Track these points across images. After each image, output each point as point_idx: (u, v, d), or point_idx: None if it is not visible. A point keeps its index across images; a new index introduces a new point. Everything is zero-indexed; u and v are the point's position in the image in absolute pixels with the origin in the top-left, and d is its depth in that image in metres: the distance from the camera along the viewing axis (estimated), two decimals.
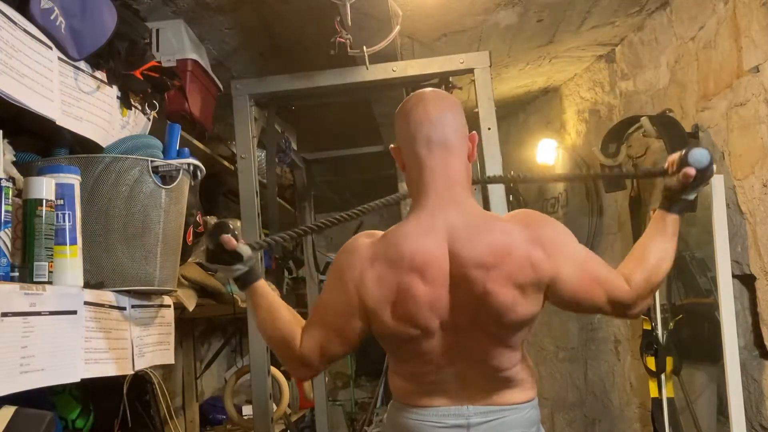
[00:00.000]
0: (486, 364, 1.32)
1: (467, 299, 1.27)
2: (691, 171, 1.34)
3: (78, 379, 1.23)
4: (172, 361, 1.66)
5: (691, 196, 1.41)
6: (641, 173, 1.65)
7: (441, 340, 1.31)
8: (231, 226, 1.36)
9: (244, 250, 1.36)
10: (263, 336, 1.45)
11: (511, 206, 2.89)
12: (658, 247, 1.38)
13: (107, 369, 1.34)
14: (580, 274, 1.31)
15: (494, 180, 1.90)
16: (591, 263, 1.34)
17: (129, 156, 1.44)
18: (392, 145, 1.42)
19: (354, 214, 1.51)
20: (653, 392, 2.42)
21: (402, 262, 1.27)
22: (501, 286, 1.25)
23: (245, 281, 1.39)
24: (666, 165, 1.40)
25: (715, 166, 1.36)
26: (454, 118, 1.36)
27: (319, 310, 1.39)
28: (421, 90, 1.42)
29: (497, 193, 2.10)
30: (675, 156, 1.39)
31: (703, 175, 1.35)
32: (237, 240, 1.36)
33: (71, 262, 1.26)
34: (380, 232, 1.38)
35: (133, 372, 1.46)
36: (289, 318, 1.39)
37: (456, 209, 1.31)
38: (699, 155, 1.34)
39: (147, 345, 1.52)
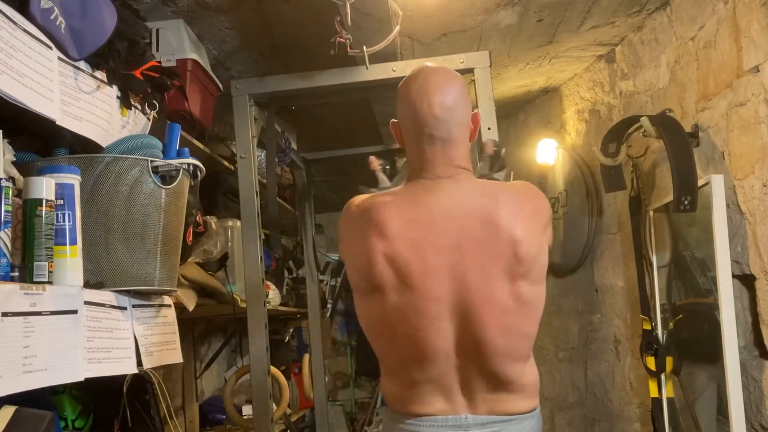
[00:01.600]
0: (489, 355, 1.26)
1: (477, 246, 1.26)
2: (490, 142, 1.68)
3: (81, 379, 1.23)
4: (180, 360, 1.66)
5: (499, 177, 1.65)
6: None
7: (435, 320, 1.26)
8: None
9: (381, 178, 1.69)
10: None
11: None
12: None
13: (110, 368, 1.34)
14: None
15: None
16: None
17: (129, 156, 1.44)
18: (393, 120, 1.42)
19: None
20: (653, 392, 2.42)
21: (371, 221, 1.32)
22: (511, 218, 1.28)
23: None
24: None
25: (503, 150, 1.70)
26: (459, 109, 1.34)
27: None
28: (425, 71, 1.38)
29: None
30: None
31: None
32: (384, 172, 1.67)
33: (71, 262, 1.26)
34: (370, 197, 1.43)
35: (136, 371, 1.46)
36: None
37: (452, 183, 1.34)
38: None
39: (153, 344, 1.53)
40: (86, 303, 1.27)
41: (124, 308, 1.44)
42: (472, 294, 1.25)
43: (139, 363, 1.46)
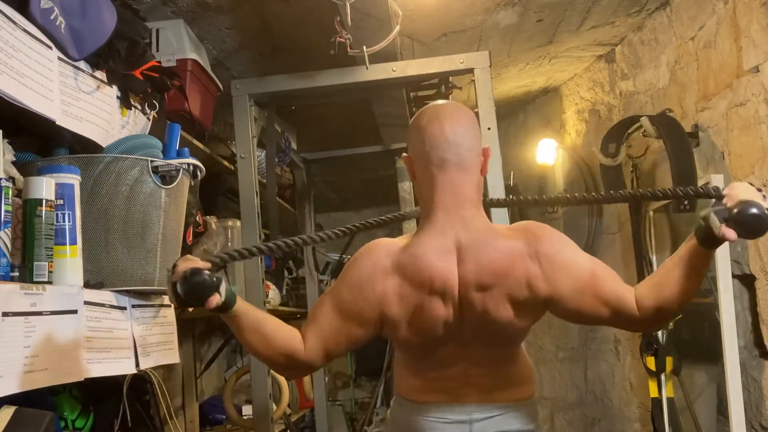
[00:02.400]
0: (487, 364, 1.38)
1: (470, 316, 1.33)
2: (732, 236, 1.16)
3: (82, 378, 1.23)
4: (178, 360, 1.67)
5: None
6: (693, 193, 1.38)
7: (448, 345, 1.36)
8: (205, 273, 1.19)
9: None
10: (258, 355, 1.34)
11: (511, 209, 2.89)
12: (678, 280, 1.26)
13: (110, 368, 1.35)
14: (580, 292, 1.31)
15: (502, 203, 1.80)
16: (595, 279, 1.31)
17: (129, 156, 1.44)
18: (405, 155, 1.42)
19: (346, 230, 1.48)
20: (653, 392, 2.42)
21: (424, 284, 1.31)
22: (498, 304, 1.30)
23: (223, 309, 1.24)
24: (725, 197, 1.20)
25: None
26: (470, 136, 1.34)
27: (330, 313, 1.34)
28: (436, 103, 1.41)
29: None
30: (737, 197, 1.17)
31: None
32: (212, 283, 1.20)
33: (71, 262, 1.26)
34: (397, 241, 1.38)
35: (136, 371, 1.46)
36: (283, 331, 1.33)
37: (464, 226, 1.32)
38: (752, 222, 1.15)
39: (151, 345, 1.53)
40: (86, 303, 1.27)
41: (124, 308, 1.44)
42: (476, 327, 1.35)
43: (137, 363, 1.46)
